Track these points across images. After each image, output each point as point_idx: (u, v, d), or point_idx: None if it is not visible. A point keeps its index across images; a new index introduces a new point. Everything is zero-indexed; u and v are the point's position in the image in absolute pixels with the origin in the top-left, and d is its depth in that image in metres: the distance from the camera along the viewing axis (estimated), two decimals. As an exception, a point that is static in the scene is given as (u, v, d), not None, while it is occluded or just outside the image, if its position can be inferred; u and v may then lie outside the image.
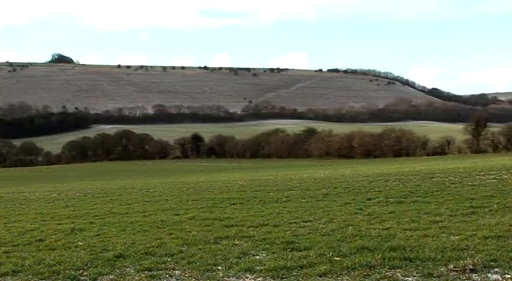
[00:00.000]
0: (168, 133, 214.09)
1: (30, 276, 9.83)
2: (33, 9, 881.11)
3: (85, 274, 9.82)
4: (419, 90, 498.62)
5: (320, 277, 8.83)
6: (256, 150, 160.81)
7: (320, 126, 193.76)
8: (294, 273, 9.09)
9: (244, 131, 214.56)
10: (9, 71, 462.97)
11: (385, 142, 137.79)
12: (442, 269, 8.86)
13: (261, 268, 9.47)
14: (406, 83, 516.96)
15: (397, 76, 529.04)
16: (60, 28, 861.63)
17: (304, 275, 8.92)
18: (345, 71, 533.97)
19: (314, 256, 10.00)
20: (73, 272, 9.90)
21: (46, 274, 9.84)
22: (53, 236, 14.15)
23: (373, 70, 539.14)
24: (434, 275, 8.61)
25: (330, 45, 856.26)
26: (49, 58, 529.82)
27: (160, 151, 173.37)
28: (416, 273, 8.75)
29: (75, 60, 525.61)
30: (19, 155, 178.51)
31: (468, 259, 9.13)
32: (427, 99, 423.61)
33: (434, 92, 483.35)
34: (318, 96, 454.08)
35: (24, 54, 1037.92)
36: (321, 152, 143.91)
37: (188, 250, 11.22)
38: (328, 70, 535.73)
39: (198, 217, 16.39)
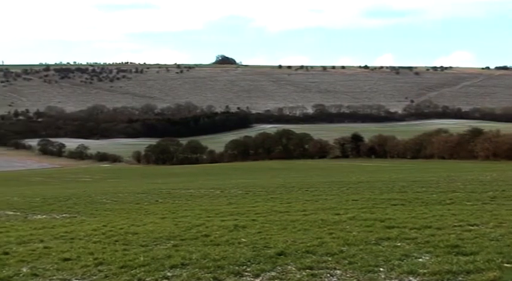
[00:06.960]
0: (327, 133, 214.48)
1: (197, 269, 10.23)
2: (205, 14, 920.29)
3: (248, 269, 10.05)
4: None
5: (488, 283, 8.44)
6: (418, 150, 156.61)
7: (486, 126, 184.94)
8: (460, 278, 8.76)
9: (405, 131, 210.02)
10: (177, 73, 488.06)
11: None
12: None
13: (425, 271, 9.21)
14: None
15: None
16: (226, 31, 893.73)
17: (471, 281, 8.57)
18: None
19: (481, 261, 9.57)
20: (237, 267, 10.18)
21: (211, 268, 10.19)
22: (217, 232, 14.57)
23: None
24: None
25: (498, 42, 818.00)
26: (213, 60, 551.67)
27: (320, 151, 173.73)
28: None
29: (237, 61, 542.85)
30: (185, 153, 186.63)
31: None
32: None
33: None
34: (485, 95, 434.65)
35: (191, 56, 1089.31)
36: (487, 154, 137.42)
37: (349, 250, 11.15)
38: (496, 68, 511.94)
39: (358, 217, 16.20)
